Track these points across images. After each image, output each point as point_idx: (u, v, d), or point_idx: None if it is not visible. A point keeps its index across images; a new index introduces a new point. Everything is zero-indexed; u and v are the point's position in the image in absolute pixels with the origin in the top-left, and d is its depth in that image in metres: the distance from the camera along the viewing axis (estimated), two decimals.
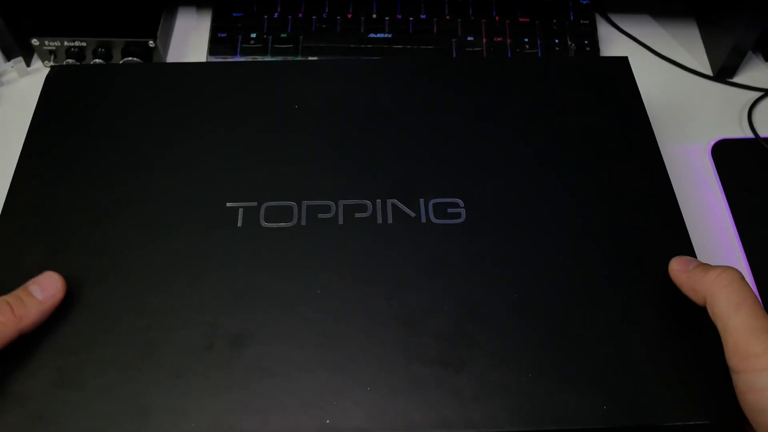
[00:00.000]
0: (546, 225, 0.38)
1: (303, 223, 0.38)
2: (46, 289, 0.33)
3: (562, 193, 0.40)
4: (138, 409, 0.32)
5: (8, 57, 0.56)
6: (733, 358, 0.31)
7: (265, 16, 0.59)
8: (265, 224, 0.38)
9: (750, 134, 0.53)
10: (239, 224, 0.38)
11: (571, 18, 0.59)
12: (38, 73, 0.57)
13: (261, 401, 0.32)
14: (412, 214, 0.39)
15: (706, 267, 0.34)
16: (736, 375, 0.31)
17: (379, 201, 0.39)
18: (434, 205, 0.39)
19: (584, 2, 0.60)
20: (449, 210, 0.39)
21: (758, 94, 0.56)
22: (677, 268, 0.35)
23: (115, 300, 0.35)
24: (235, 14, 0.59)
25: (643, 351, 0.34)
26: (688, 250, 0.38)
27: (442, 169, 0.41)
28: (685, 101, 0.56)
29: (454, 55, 0.57)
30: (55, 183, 0.40)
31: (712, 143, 0.53)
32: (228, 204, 0.39)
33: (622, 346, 0.34)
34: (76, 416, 0.31)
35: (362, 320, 0.35)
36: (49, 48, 0.55)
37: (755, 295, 0.32)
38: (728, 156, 0.52)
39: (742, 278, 0.33)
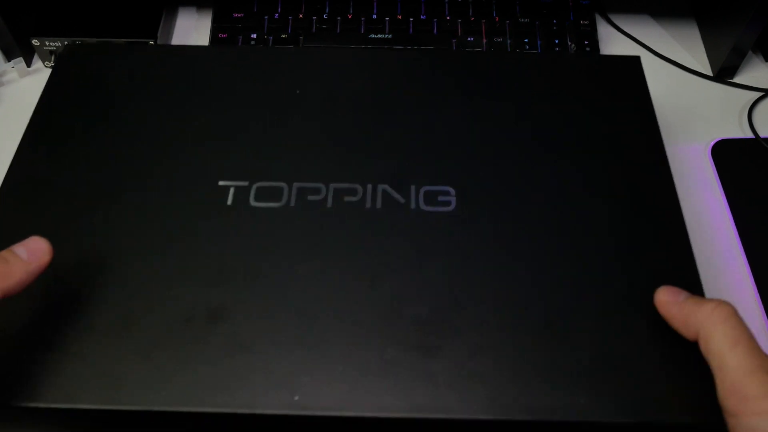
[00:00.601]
0: (537, 218, 0.38)
1: (292, 204, 0.38)
2: (31, 251, 0.32)
3: (556, 188, 0.39)
4: (112, 377, 0.32)
5: (8, 57, 0.56)
6: (729, 399, 0.29)
7: (266, 17, 0.59)
8: (254, 203, 0.38)
9: (750, 134, 0.53)
10: (229, 202, 0.38)
11: (571, 18, 0.59)
12: (38, 73, 0.57)
13: (232, 376, 0.32)
14: (402, 200, 0.39)
15: (699, 300, 0.32)
16: (733, 418, 0.29)
17: (369, 186, 0.39)
18: (425, 192, 0.39)
19: (584, 2, 0.60)
20: (440, 198, 0.39)
21: (758, 94, 0.56)
22: (666, 299, 0.33)
23: (100, 269, 0.36)
24: (235, 14, 0.59)
25: (626, 348, 0.33)
26: (685, 250, 0.37)
27: (435, 157, 0.41)
28: (685, 101, 0.56)
29: None
30: (51, 160, 0.40)
31: (712, 143, 0.53)
32: (220, 182, 0.39)
33: (606, 342, 0.34)
34: (51, 379, 0.32)
35: (341, 302, 0.35)
36: (50, 48, 0.55)
37: (751, 332, 0.30)
38: (728, 156, 0.52)
39: (737, 313, 0.31)
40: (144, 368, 0.32)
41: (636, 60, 0.46)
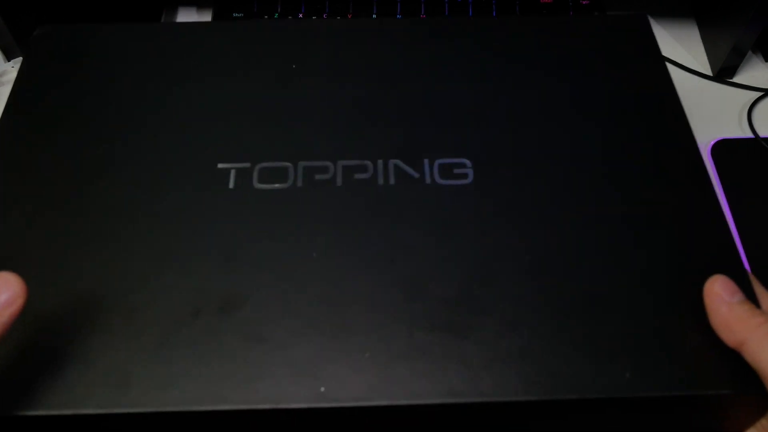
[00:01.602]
0: (558, 186, 0.36)
1: (299, 184, 0.36)
2: (0, 294, 0.27)
3: (576, 154, 0.37)
4: (118, 379, 0.30)
5: (8, 57, 0.56)
6: None
7: (266, 16, 0.59)
8: (258, 186, 0.36)
9: (750, 134, 0.53)
10: (231, 186, 0.36)
11: None
12: None
13: (250, 369, 0.30)
14: (416, 175, 0.36)
15: (752, 309, 0.30)
16: None
17: (380, 162, 0.37)
18: (440, 165, 0.37)
19: (584, 2, 0.60)
20: (456, 171, 0.37)
21: (758, 94, 0.56)
22: (719, 292, 0.31)
23: (96, 263, 0.33)
24: (235, 14, 0.59)
25: (668, 317, 0.32)
26: (713, 206, 0.35)
27: (448, 129, 0.38)
28: (685, 101, 0.56)
29: None
30: (40, 142, 0.38)
31: (712, 143, 0.53)
32: (219, 165, 0.37)
33: (644, 313, 0.32)
34: (52, 385, 0.29)
35: (361, 284, 0.32)
36: None
37: None
38: (728, 156, 0.52)
39: None
40: (153, 367, 0.30)
41: (643, 17, 0.45)
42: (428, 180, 0.36)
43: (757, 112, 0.55)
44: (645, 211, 0.35)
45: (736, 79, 0.58)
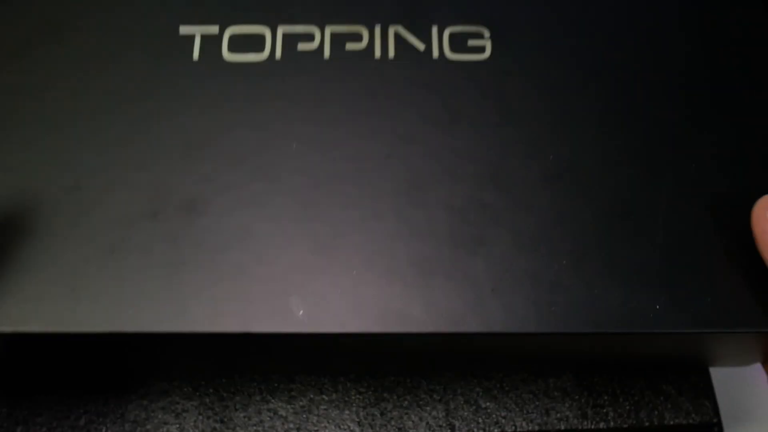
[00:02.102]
0: (595, 67, 0.30)
1: (277, 56, 0.30)
2: None
3: (618, 27, 0.31)
4: (64, 292, 0.26)
5: None
6: None
7: None
8: (228, 57, 0.30)
9: None
10: (195, 57, 0.30)
11: None
12: None
13: (216, 283, 0.26)
14: (421, 47, 0.31)
15: None
16: None
17: (377, 28, 0.31)
18: (450, 34, 0.31)
19: None
20: (470, 42, 0.31)
21: None
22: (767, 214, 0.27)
23: (36, 151, 0.28)
24: None
25: (707, 245, 0.27)
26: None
27: None
28: None
29: None
30: None
31: None
32: (181, 29, 0.31)
33: (681, 235, 0.27)
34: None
35: (350, 184, 0.28)
36: None
37: None
38: None
39: None
40: (103, 278, 0.26)
41: None
42: (436, 54, 0.31)
43: None
44: (697, 116, 0.29)
45: None
